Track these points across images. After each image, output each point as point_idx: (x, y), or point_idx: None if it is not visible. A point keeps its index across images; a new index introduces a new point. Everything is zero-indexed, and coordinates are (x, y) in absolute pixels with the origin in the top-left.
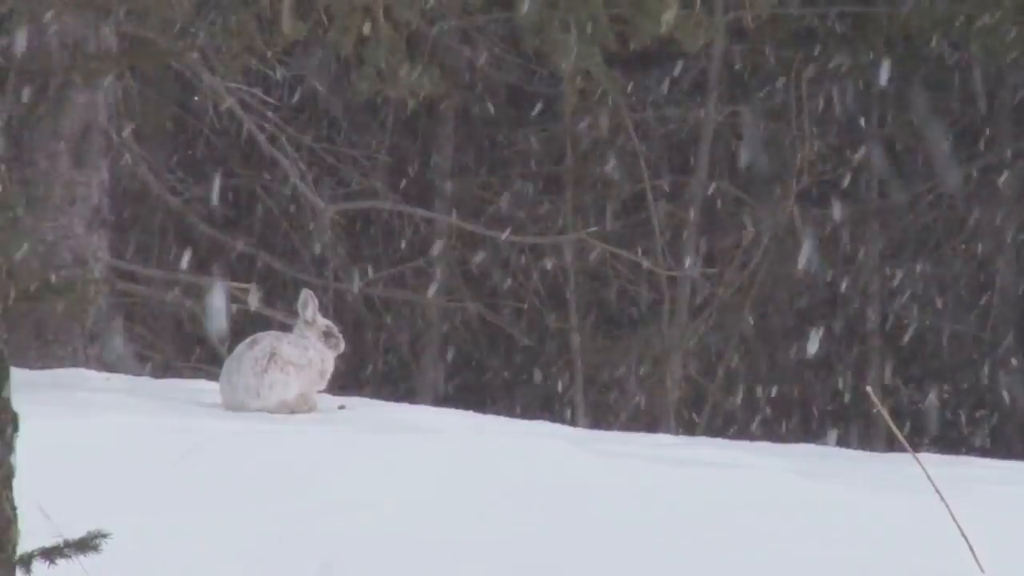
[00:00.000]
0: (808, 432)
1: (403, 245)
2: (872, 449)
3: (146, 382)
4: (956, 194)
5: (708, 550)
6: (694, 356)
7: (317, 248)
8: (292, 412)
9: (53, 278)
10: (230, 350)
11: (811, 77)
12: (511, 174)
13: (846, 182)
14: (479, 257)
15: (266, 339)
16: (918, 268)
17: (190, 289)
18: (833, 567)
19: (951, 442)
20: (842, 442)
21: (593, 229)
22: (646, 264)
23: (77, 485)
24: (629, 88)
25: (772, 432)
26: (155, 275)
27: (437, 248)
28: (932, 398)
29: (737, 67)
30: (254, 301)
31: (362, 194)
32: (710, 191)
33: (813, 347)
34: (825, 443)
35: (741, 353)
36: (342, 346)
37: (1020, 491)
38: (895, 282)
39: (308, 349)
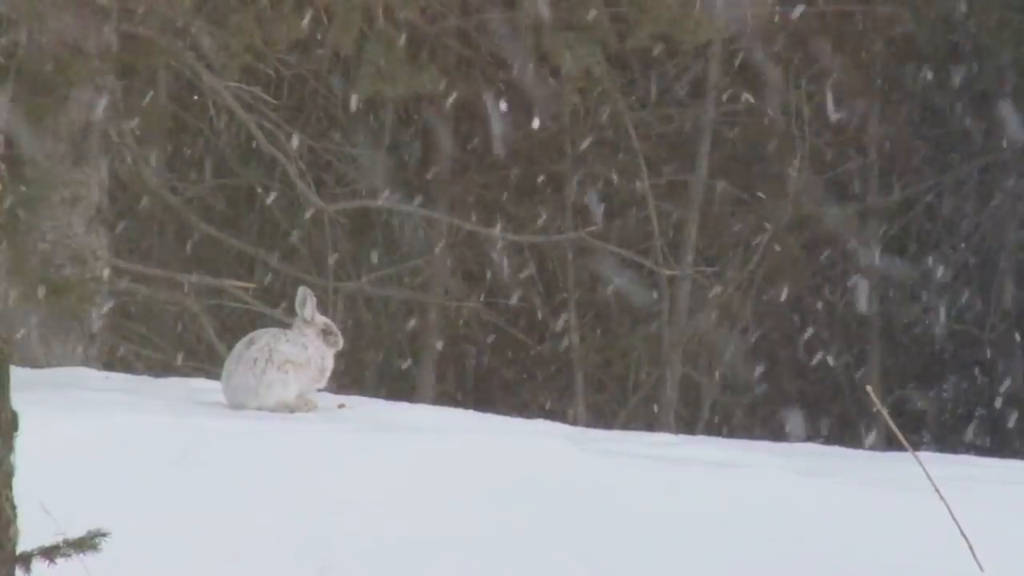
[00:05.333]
0: (808, 432)
1: (403, 245)
2: (872, 449)
3: (146, 381)
4: (955, 193)
5: (708, 550)
6: (694, 356)
7: (316, 247)
8: (292, 411)
9: (53, 278)
10: (230, 349)
11: (811, 76)
12: (511, 174)
13: (846, 182)
14: (479, 257)
15: (264, 338)
16: (917, 267)
17: (190, 289)
18: (833, 566)
19: (951, 442)
20: (841, 442)
21: (593, 229)
22: (646, 264)
23: (77, 484)
24: (629, 87)
25: (772, 432)
26: (155, 275)
27: (437, 248)
28: (932, 398)
29: (737, 67)
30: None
31: (362, 194)
32: (710, 191)
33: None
34: (824, 442)
35: (741, 352)
36: (341, 343)
37: (1020, 490)
38: (895, 281)
39: (307, 347)
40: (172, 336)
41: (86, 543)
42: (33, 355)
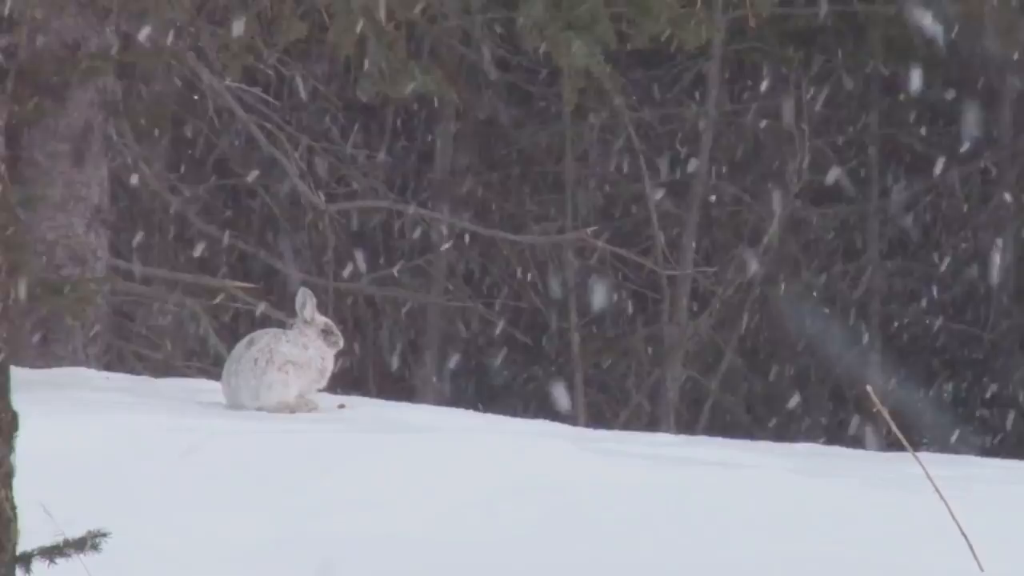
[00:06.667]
0: (808, 432)
1: (403, 245)
2: (872, 449)
3: (146, 381)
4: (956, 193)
5: (708, 550)
6: (694, 356)
7: (317, 247)
8: (292, 411)
9: (53, 278)
10: (230, 349)
11: (811, 76)
12: (511, 174)
13: (846, 182)
14: (479, 257)
15: (264, 338)
16: (918, 267)
17: (190, 289)
18: (833, 566)
19: (951, 442)
20: (841, 442)
21: (593, 229)
22: (646, 264)
23: (77, 484)
24: (629, 87)
25: (772, 432)
26: (155, 275)
27: (437, 248)
28: (932, 398)
29: (737, 66)
30: None
31: (362, 194)
32: (710, 191)
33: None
34: (825, 443)
35: (741, 353)
36: (341, 343)
37: (1020, 490)
38: (895, 281)
39: (307, 348)
40: (172, 336)
41: (86, 543)
42: (33, 355)
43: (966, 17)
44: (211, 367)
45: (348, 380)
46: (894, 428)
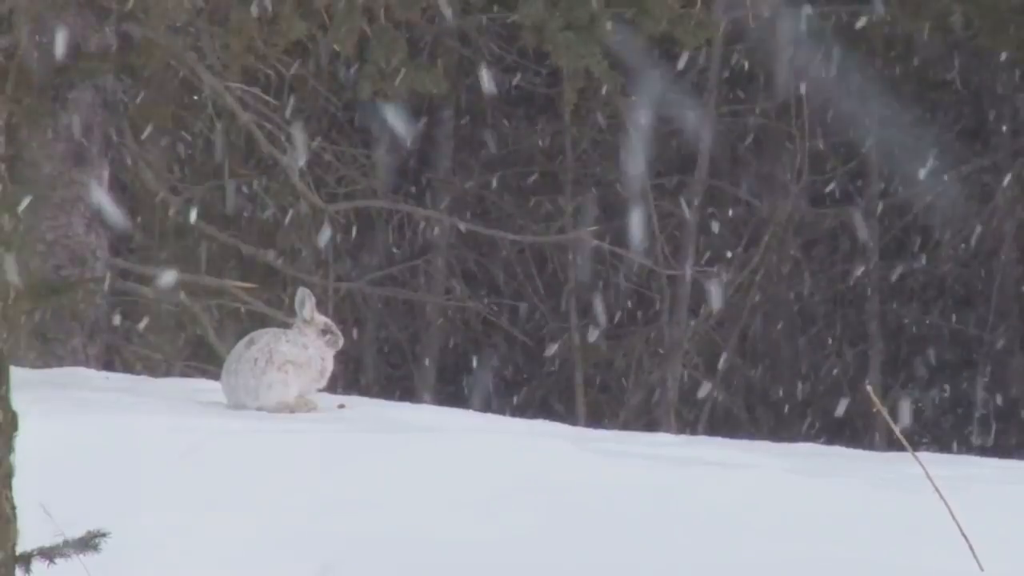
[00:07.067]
0: (808, 432)
1: (403, 245)
2: (872, 449)
3: (146, 381)
4: (955, 194)
5: (708, 550)
6: (694, 356)
7: (316, 247)
8: (292, 411)
9: (53, 278)
10: (230, 349)
11: (810, 76)
12: (511, 174)
13: (846, 182)
14: (479, 257)
15: (264, 338)
16: (918, 267)
17: (190, 289)
18: (832, 566)
19: (951, 442)
20: (841, 442)
21: (593, 229)
22: (646, 264)
23: (77, 485)
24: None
25: (772, 432)
26: (155, 275)
27: (437, 248)
28: (932, 398)
29: (737, 66)
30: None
31: (362, 194)
32: (710, 191)
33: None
34: (825, 443)
35: (741, 353)
36: (340, 343)
37: (1020, 490)
38: (895, 282)
39: (307, 347)
40: (172, 336)
41: (86, 543)
42: (33, 355)
43: (964, 17)
44: (211, 367)
45: (347, 380)
46: (894, 428)
